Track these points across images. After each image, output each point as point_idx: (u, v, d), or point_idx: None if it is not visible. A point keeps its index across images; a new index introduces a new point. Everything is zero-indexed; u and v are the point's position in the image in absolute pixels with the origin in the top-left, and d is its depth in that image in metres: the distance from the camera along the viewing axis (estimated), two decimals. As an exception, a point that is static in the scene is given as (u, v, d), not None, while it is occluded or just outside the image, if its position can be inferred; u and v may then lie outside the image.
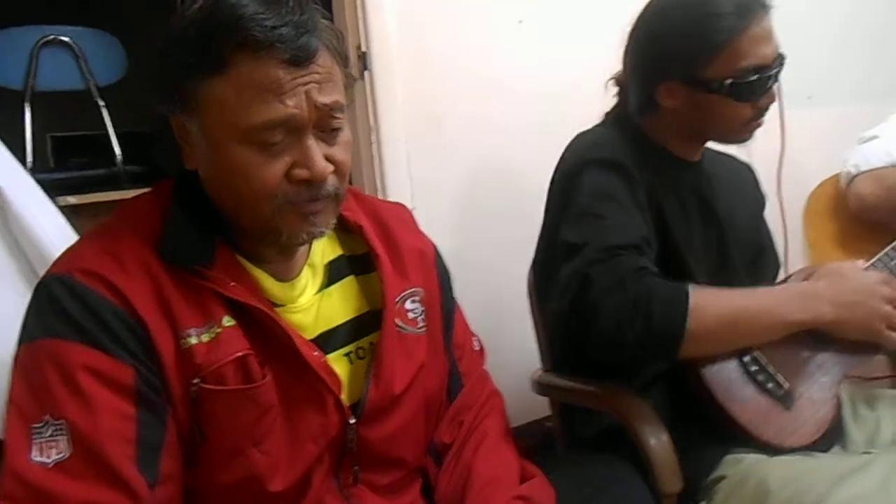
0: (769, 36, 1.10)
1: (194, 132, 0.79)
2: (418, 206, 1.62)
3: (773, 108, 2.27)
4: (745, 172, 1.38)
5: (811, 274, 1.14)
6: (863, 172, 1.64)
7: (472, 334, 1.08)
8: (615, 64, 1.24)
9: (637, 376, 1.06)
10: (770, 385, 1.03)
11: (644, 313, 0.95)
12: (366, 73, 1.59)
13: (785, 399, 1.04)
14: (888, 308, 1.04)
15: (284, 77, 0.73)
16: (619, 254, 0.99)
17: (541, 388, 1.22)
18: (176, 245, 0.78)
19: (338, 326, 0.90)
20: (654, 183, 1.14)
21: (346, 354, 0.90)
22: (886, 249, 1.17)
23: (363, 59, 1.58)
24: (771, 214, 2.21)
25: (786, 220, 2.19)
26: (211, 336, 0.77)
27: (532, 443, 1.61)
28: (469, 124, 1.72)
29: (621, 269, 0.98)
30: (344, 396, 0.85)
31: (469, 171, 1.71)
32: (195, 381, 0.75)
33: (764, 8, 1.09)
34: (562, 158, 1.19)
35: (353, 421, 0.85)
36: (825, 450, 1.09)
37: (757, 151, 2.28)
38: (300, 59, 0.74)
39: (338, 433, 0.84)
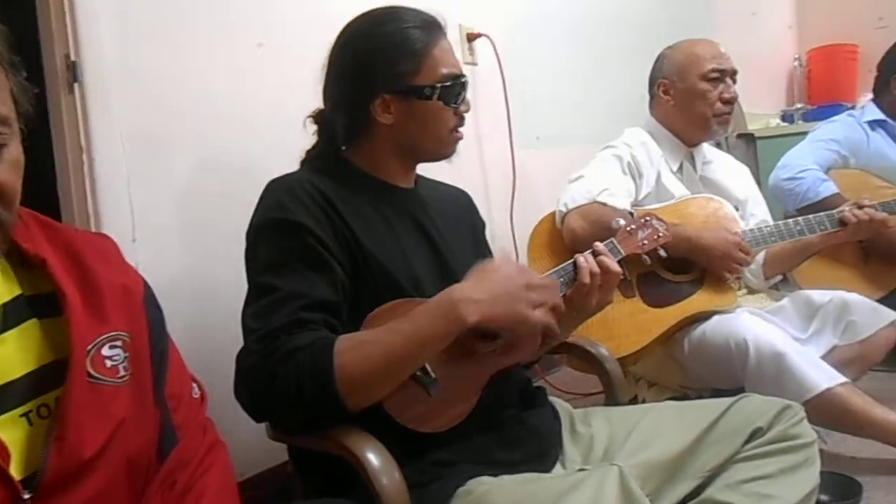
0: (452, 51, 1.24)
1: None
2: (141, 238, 1.47)
3: (506, 147, 2.50)
4: (461, 198, 1.44)
5: None
6: (571, 210, 1.81)
7: (193, 379, 0.98)
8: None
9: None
10: (419, 373, 1.05)
11: (297, 394, 0.98)
12: (76, 86, 1.40)
13: (431, 386, 1.06)
14: (529, 293, 1.06)
15: None
16: (275, 338, 1.01)
17: (274, 432, 1.14)
18: None
19: (14, 381, 0.75)
20: (362, 214, 1.16)
21: (25, 414, 0.75)
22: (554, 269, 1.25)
23: (72, 70, 1.39)
24: (504, 241, 2.40)
25: (517, 246, 2.38)
26: None
27: (272, 490, 1.52)
28: (202, 147, 1.60)
29: (273, 359, 1.00)
30: (15, 467, 0.71)
31: (201, 199, 1.58)
32: None
33: (441, 29, 1.24)
34: (254, 211, 1.18)
35: (27, 496, 0.70)
36: (548, 469, 1.16)
37: (494, 185, 2.47)
38: None
39: (6, 515, 0.69)
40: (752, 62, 4.43)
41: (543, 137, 2.69)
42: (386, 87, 1.19)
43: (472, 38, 2.39)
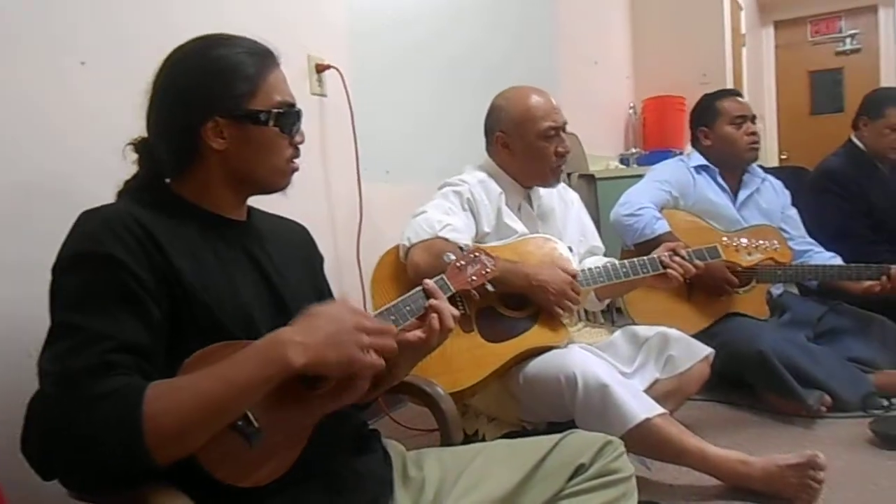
0: (286, 82, 1.21)
1: None
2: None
3: (353, 180, 2.49)
4: (299, 232, 1.39)
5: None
6: (415, 244, 1.83)
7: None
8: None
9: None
10: (240, 422, 0.98)
11: (94, 447, 0.88)
12: None
13: (253, 437, 0.99)
14: (360, 335, 1.03)
15: None
16: (76, 382, 0.90)
17: (69, 490, 1.02)
18: None
19: None
20: (188, 249, 1.08)
21: None
22: (391, 304, 1.22)
23: None
24: (350, 274, 2.36)
25: (363, 279, 2.35)
26: None
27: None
28: (15, 174, 1.45)
29: (72, 405, 0.89)
30: None
31: (13, 231, 1.43)
32: None
33: (275, 60, 1.21)
34: (63, 243, 1.05)
35: None
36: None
37: (340, 218, 2.44)
38: None
39: None
40: (593, 108, 4.76)
41: (392, 171, 2.71)
42: (219, 109, 1.13)
43: (321, 69, 2.36)
